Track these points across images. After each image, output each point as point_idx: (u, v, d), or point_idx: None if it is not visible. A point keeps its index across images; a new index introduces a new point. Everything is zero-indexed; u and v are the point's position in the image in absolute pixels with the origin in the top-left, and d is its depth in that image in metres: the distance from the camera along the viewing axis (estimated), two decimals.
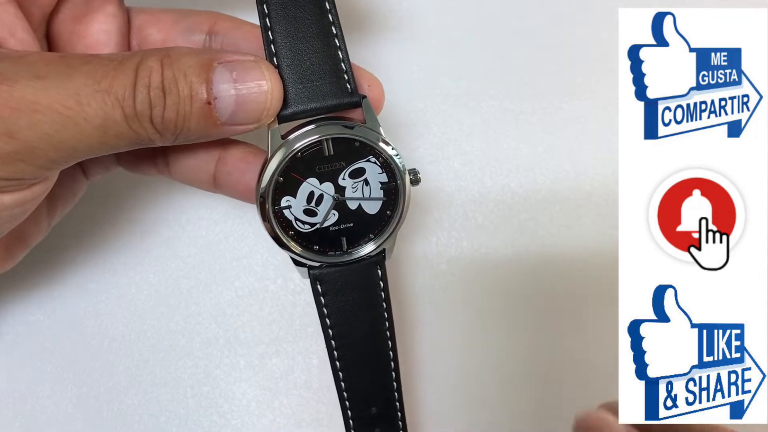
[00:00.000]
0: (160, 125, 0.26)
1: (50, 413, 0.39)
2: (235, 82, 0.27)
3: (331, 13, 0.29)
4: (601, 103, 0.42)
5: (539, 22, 0.43)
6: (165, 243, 0.41)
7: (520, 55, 0.43)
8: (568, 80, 0.43)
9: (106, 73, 0.25)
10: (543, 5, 0.43)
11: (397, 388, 0.33)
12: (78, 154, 0.26)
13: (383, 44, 0.42)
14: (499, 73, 0.43)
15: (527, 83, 0.42)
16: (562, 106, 0.42)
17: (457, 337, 0.41)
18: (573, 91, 0.43)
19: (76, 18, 0.31)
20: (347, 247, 0.31)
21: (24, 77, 0.24)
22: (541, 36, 0.43)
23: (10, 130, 0.24)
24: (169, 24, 0.32)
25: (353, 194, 0.30)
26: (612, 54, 0.43)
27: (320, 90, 0.29)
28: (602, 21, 0.43)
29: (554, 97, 0.42)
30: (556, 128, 0.42)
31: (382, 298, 0.32)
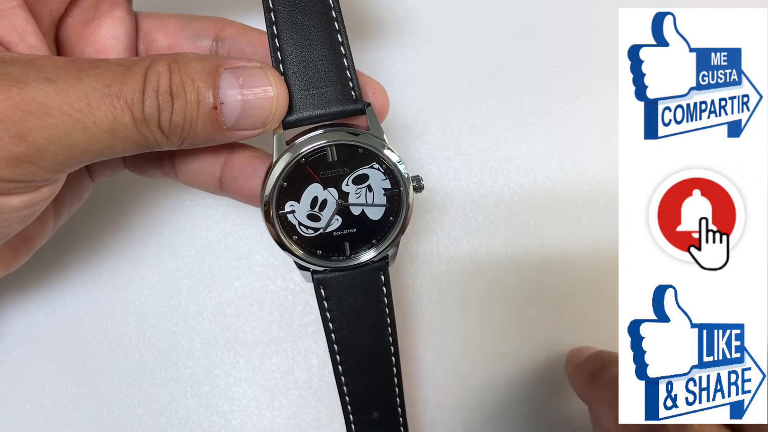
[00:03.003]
0: (168, 129, 0.26)
1: (50, 413, 0.39)
2: (242, 88, 0.27)
3: (337, 21, 0.30)
4: (601, 103, 0.43)
5: (539, 21, 0.43)
6: (165, 243, 0.41)
7: (520, 55, 0.43)
8: (568, 80, 0.43)
9: (115, 77, 0.25)
10: (543, 5, 0.43)
11: (399, 393, 0.33)
12: (87, 157, 0.26)
13: (383, 44, 0.42)
14: (499, 73, 0.43)
15: (527, 83, 0.43)
16: (561, 106, 0.42)
17: (456, 337, 0.41)
18: (573, 91, 0.43)
19: (85, 22, 0.31)
20: (350, 252, 0.31)
21: (35, 80, 0.24)
22: (541, 36, 0.43)
23: (21, 133, 0.24)
24: (176, 29, 0.33)
25: (356, 200, 0.31)
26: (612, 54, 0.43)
27: (325, 97, 0.29)
28: (602, 21, 0.43)
29: (554, 97, 0.42)
30: (556, 128, 0.42)
31: (385, 303, 0.32)
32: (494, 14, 0.43)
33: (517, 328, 0.41)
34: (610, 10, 0.43)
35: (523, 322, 0.41)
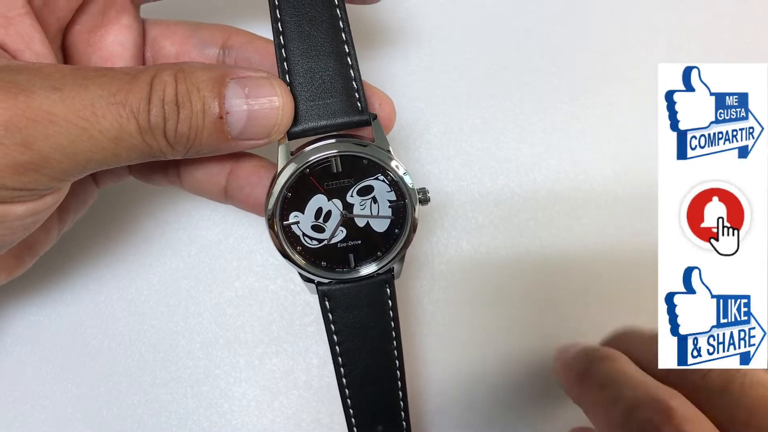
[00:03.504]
0: (173, 138, 0.26)
1: (50, 413, 0.39)
2: (247, 98, 0.27)
3: (344, 32, 0.29)
4: (601, 103, 0.43)
5: (539, 21, 0.43)
6: (165, 243, 0.41)
7: (520, 55, 0.43)
8: (568, 80, 0.43)
9: (121, 86, 0.25)
10: (543, 5, 0.43)
11: (404, 407, 0.33)
12: (91, 165, 0.26)
13: (384, 45, 0.42)
14: (499, 73, 0.43)
15: (527, 83, 0.42)
16: (562, 106, 0.42)
17: (457, 337, 0.41)
18: (573, 91, 0.43)
19: (92, 29, 0.31)
20: (354, 264, 0.31)
21: (41, 88, 0.24)
22: (540, 36, 0.43)
23: (27, 141, 0.24)
24: (183, 37, 0.33)
25: (361, 211, 0.30)
26: (612, 54, 0.43)
27: (331, 108, 0.29)
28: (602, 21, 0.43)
29: (554, 97, 0.42)
30: (556, 128, 0.42)
31: (391, 317, 0.32)
32: (494, 14, 0.43)
33: (517, 328, 0.41)
34: (610, 10, 0.44)
35: (523, 322, 0.41)
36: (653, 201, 0.42)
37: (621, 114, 0.42)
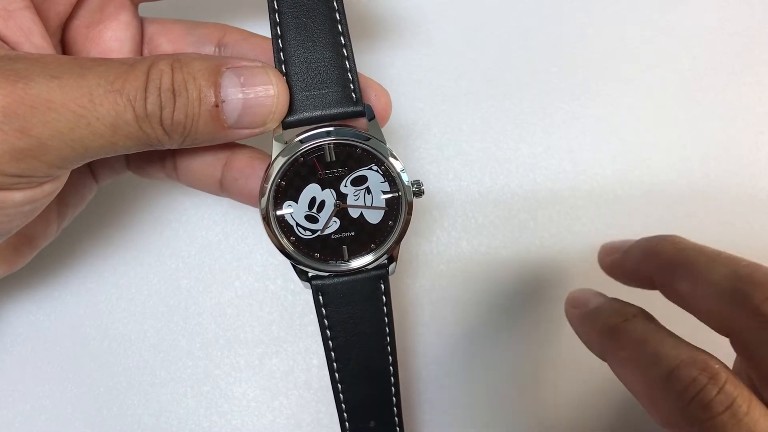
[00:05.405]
0: (169, 127, 0.27)
1: (50, 413, 0.40)
2: (243, 87, 0.27)
3: (341, 24, 0.30)
4: (601, 103, 0.43)
5: (539, 21, 0.43)
6: (165, 243, 0.41)
7: (519, 55, 0.43)
8: (567, 80, 0.43)
9: (118, 75, 0.25)
10: (543, 5, 0.43)
11: (397, 402, 0.33)
12: (89, 153, 0.26)
13: (384, 45, 0.42)
14: (499, 73, 0.43)
15: (527, 83, 0.43)
16: (562, 106, 0.42)
17: (457, 337, 0.41)
18: (573, 91, 0.43)
19: (91, 24, 0.31)
20: (348, 256, 0.31)
21: (39, 76, 0.25)
22: (541, 36, 0.43)
23: (25, 127, 0.24)
24: (180, 35, 0.33)
25: (355, 202, 0.30)
26: (611, 54, 0.43)
27: (326, 98, 0.30)
28: (602, 21, 0.43)
29: (554, 97, 0.42)
30: (556, 128, 0.42)
31: (384, 312, 0.32)
32: (494, 14, 0.43)
33: (518, 328, 0.41)
34: (609, 9, 0.44)
35: (523, 322, 0.41)
36: (653, 201, 0.42)
37: (621, 114, 0.42)
